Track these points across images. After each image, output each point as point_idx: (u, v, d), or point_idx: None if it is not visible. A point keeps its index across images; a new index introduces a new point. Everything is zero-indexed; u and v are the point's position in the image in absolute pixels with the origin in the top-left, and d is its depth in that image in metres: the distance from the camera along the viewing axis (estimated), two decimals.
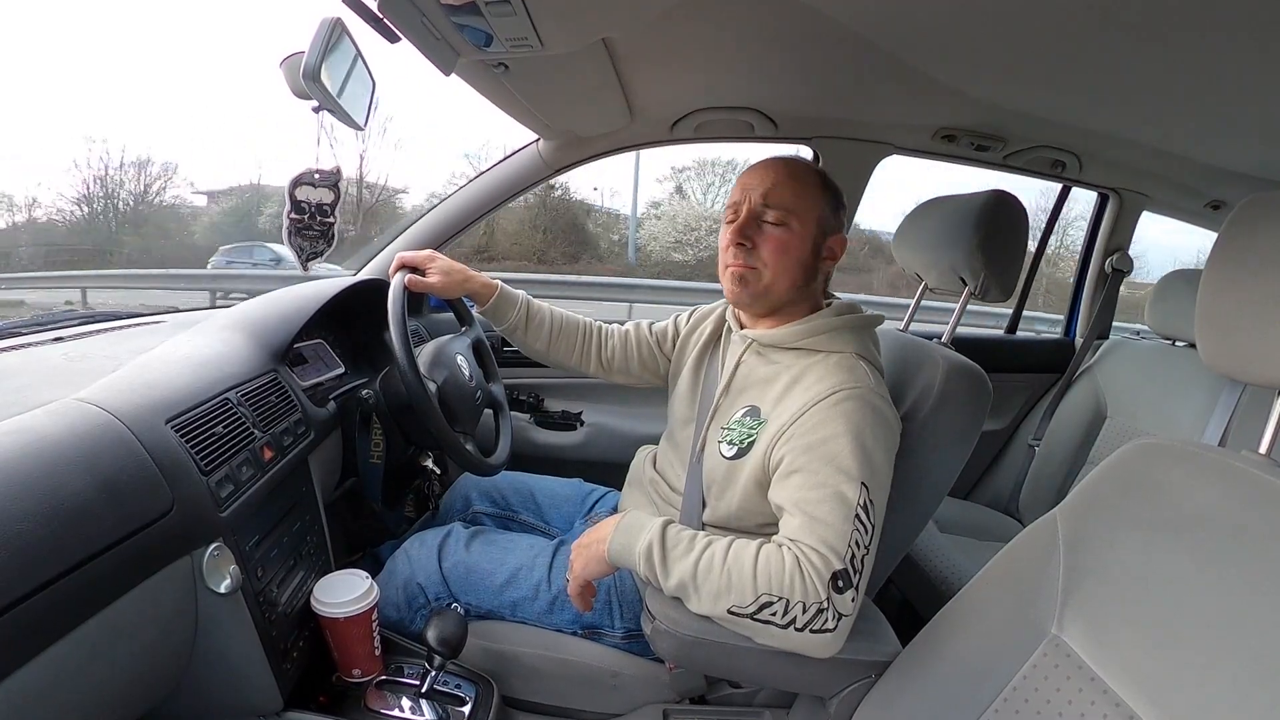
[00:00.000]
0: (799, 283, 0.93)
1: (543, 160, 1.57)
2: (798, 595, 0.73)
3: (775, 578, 0.73)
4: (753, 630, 0.75)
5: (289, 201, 1.08)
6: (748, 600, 0.74)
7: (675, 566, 0.78)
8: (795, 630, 0.73)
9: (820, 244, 0.94)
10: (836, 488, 0.77)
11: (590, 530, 0.88)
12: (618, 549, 0.82)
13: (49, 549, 0.55)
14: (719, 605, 0.75)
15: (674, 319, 1.22)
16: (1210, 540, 0.58)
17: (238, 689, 0.80)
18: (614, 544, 0.83)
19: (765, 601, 0.73)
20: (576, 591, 0.89)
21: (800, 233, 0.92)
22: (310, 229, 1.09)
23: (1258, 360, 0.59)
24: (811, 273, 0.94)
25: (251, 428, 0.85)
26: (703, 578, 0.76)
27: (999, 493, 1.94)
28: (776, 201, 0.91)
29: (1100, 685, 0.59)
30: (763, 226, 0.92)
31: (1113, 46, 0.93)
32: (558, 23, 0.87)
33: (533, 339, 1.17)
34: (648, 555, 0.79)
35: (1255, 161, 1.46)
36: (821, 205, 0.93)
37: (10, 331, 1.01)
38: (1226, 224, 0.64)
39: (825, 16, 0.94)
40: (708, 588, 0.76)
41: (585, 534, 0.88)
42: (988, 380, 0.98)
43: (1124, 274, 1.96)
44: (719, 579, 0.75)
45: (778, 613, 0.73)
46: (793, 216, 0.91)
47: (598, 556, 0.85)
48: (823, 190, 0.94)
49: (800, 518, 0.77)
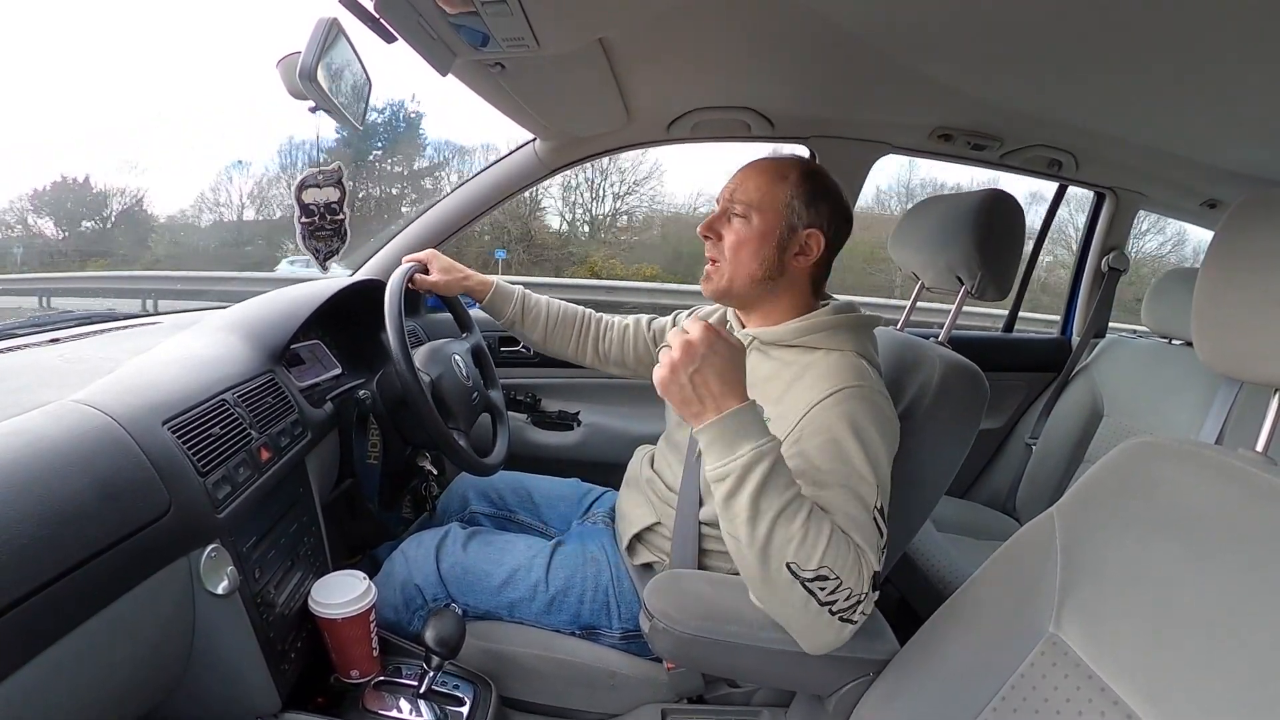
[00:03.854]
0: (758, 276, 0.93)
1: (539, 160, 1.58)
2: (850, 582, 0.70)
3: (841, 558, 0.70)
4: (785, 595, 0.70)
5: (298, 207, 1.09)
6: (811, 565, 0.69)
7: (771, 493, 0.69)
8: (829, 612, 0.70)
9: (788, 238, 0.93)
10: (856, 490, 0.77)
11: (686, 372, 0.70)
12: (722, 432, 0.70)
13: (46, 550, 0.55)
14: (783, 553, 0.69)
15: (673, 317, 1.24)
16: (1207, 538, 0.59)
17: (235, 690, 0.79)
18: (725, 424, 0.70)
19: (823, 574, 0.69)
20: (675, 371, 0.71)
21: (760, 226, 0.92)
22: (323, 229, 1.11)
23: (1254, 358, 0.59)
24: (776, 267, 0.93)
25: (248, 429, 0.85)
26: (786, 520, 0.69)
27: (996, 491, 1.94)
28: (740, 196, 0.94)
29: (1098, 683, 0.59)
30: (732, 221, 0.94)
31: (1109, 46, 0.93)
32: (554, 23, 0.87)
33: (529, 330, 1.23)
34: (752, 463, 0.69)
35: (1252, 160, 1.46)
36: (789, 198, 0.92)
37: (7, 333, 1.00)
38: (1223, 223, 0.64)
39: (822, 16, 0.95)
40: (784, 533, 0.69)
41: (677, 368, 0.70)
42: (984, 379, 0.99)
43: (1120, 272, 1.97)
44: (799, 529, 0.69)
45: (827, 589, 0.70)
46: (753, 210, 0.92)
47: (693, 402, 0.71)
48: (796, 184, 0.93)
49: (835, 515, 0.75)
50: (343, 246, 1.13)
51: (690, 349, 0.69)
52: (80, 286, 5.43)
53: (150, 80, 11.34)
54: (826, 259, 0.96)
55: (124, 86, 16.50)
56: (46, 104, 17.16)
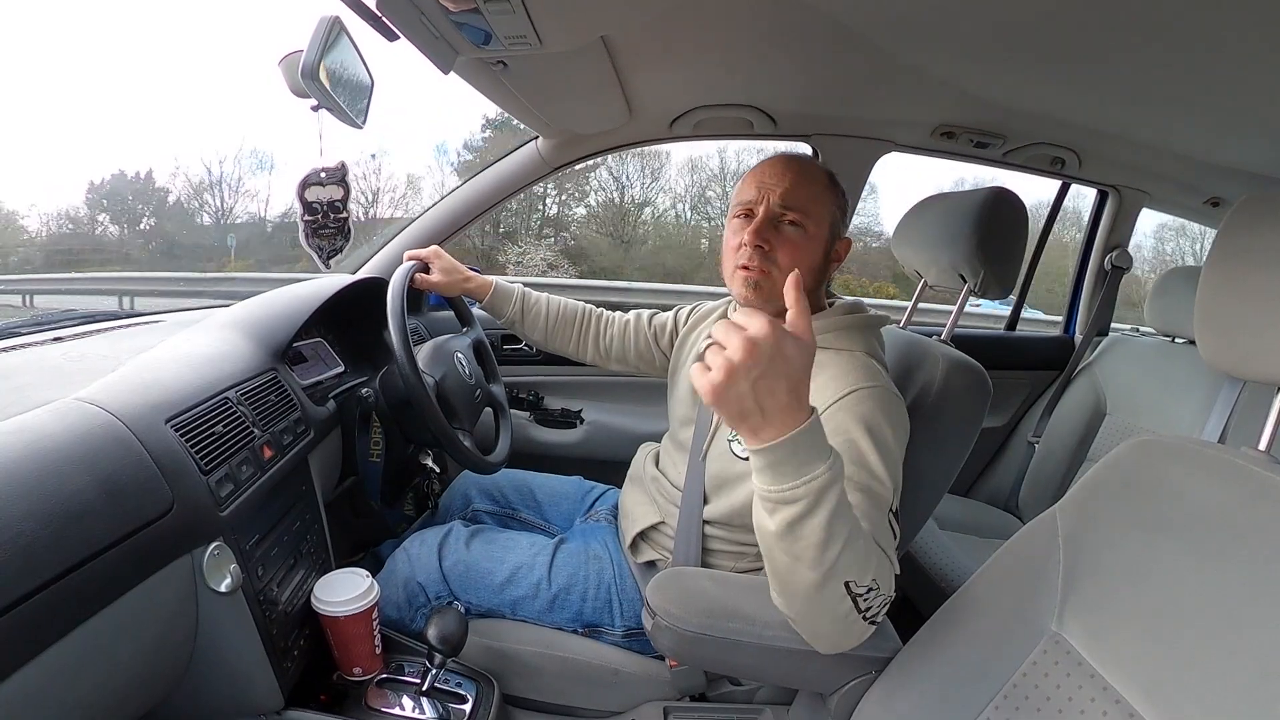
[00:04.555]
0: (811, 287, 0.93)
1: (542, 158, 1.58)
2: (885, 588, 0.67)
3: (882, 568, 0.68)
4: (832, 608, 0.65)
5: (300, 205, 1.09)
6: (866, 580, 0.64)
7: (845, 514, 0.62)
8: (863, 618, 0.67)
9: (830, 247, 0.93)
10: (875, 492, 0.76)
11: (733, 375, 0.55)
12: (794, 452, 0.58)
13: (49, 548, 0.55)
14: (847, 573, 0.63)
15: (674, 313, 1.23)
16: (1210, 537, 0.59)
17: (238, 688, 0.79)
18: (798, 443, 0.58)
19: (872, 586, 0.65)
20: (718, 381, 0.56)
21: (815, 235, 0.90)
22: (326, 227, 1.11)
23: (1257, 357, 0.59)
24: (821, 276, 0.94)
25: (251, 427, 0.85)
26: (853, 541, 0.63)
27: (999, 490, 1.94)
28: (794, 203, 0.89)
29: (1100, 682, 0.59)
30: (780, 228, 0.89)
31: (1112, 43, 0.93)
32: (556, 20, 0.87)
33: (530, 329, 1.24)
34: (827, 485, 0.59)
35: (1255, 158, 1.46)
36: (833, 208, 0.93)
37: (10, 331, 1.00)
38: (1226, 221, 0.64)
39: (824, 14, 0.94)
40: (851, 554, 0.62)
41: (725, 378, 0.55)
42: (987, 377, 0.99)
43: (1123, 271, 1.96)
44: (863, 548, 0.64)
45: (869, 599, 0.66)
46: (809, 220, 0.89)
47: (754, 414, 0.57)
48: (833, 193, 0.93)
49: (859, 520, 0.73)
50: (346, 245, 1.13)
51: (754, 350, 0.54)
52: (82, 288, 5.43)
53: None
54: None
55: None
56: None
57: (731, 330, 0.56)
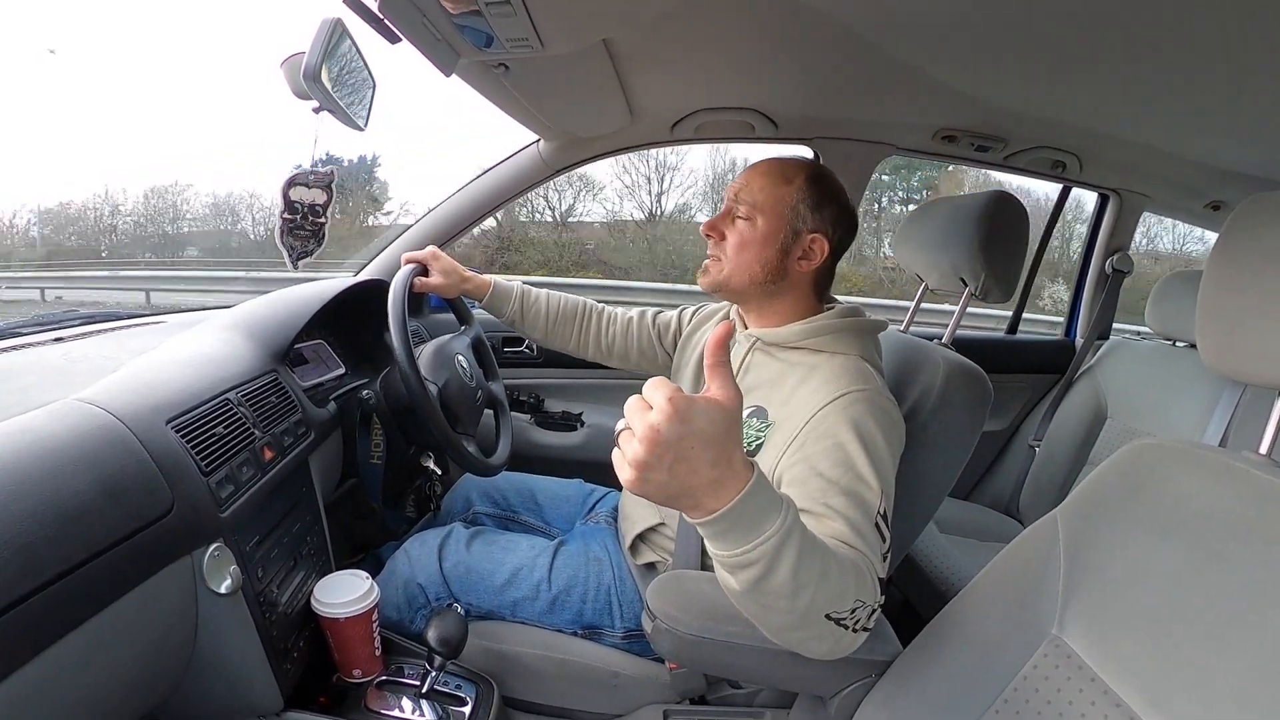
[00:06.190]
0: (759, 279, 0.93)
1: (543, 161, 1.58)
2: (869, 599, 0.66)
3: (863, 585, 0.66)
4: (818, 633, 0.64)
5: (283, 201, 1.08)
6: (846, 606, 0.63)
7: (809, 561, 0.58)
8: (852, 631, 0.65)
9: (791, 241, 0.92)
10: (861, 496, 0.75)
11: (670, 449, 0.50)
12: (740, 519, 0.54)
13: (50, 549, 0.55)
14: (825, 609, 0.62)
15: (679, 313, 1.23)
16: (1211, 540, 0.58)
17: (238, 689, 0.79)
18: (743, 509, 0.53)
19: (854, 607, 0.64)
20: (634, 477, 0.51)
21: (764, 229, 0.92)
22: (302, 229, 1.09)
23: (1258, 361, 0.59)
24: (777, 270, 0.93)
25: (252, 428, 0.85)
26: (824, 580, 0.60)
27: (999, 493, 1.94)
28: (745, 197, 0.94)
29: (1101, 686, 0.59)
30: (735, 222, 0.95)
31: (1113, 47, 0.93)
32: (558, 23, 0.87)
33: (530, 327, 1.24)
34: (783, 541, 0.56)
35: (1256, 161, 1.46)
36: (794, 201, 0.92)
37: (10, 332, 1.01)
38: (1227, 224, 0.64)
39: (826, 17, 0.94)
40: (825, 593, 0.61)
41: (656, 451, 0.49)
42: (988, 381, 0.98)
43: (1124, 274, 1.96)
44: (837, 582, 0.62)
45: (859, 616, 0.65)
46: (758, 212, 0.93)
47: (684, 495, 0.52)
48: (802, 187, 0.93)
49: (839, 522, 0.73)
50: (318, 250, 1.12)
51: (657, 438, 0.49)
52: (82, 288, 5.39)
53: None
54: (830, 263, 0.96)
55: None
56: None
57: (637, 412, 0.51)
